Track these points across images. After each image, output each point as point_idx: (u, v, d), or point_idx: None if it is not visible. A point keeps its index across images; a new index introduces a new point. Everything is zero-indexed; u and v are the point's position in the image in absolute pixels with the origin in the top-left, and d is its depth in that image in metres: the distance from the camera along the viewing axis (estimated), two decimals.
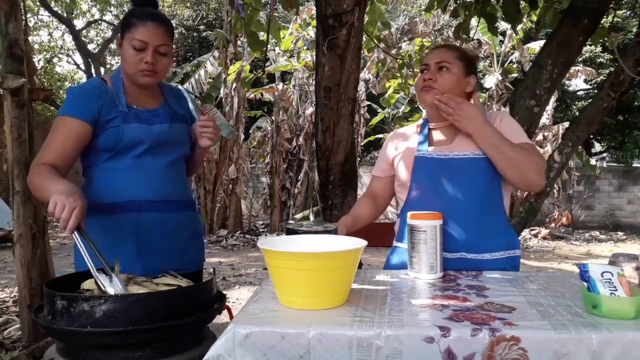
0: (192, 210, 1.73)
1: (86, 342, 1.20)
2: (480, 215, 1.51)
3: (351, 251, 1.10)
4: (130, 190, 1.54)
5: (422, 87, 1.59)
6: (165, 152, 1.60)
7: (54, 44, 17.03)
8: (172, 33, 1.61)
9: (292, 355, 0.93)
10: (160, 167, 1.59)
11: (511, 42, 9.89)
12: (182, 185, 1.67)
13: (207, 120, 1.60)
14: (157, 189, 1.57)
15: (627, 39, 9.63)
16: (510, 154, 1.46)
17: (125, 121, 1.53)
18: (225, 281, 5.56)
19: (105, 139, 1.53)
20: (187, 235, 1.67)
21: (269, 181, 10.83)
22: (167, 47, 1.56)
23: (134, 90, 1.61)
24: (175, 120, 1.65)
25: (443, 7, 3.49)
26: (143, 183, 1.56)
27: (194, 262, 1.69)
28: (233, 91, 9.20)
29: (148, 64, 1.52)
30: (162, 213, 1.58)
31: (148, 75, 1.55)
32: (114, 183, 1.55)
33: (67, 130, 1.50)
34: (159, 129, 1.58)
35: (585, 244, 9.69)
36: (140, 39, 1.51)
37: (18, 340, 2.98)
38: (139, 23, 1.52)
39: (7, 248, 7.08)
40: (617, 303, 0.99)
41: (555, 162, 3.14)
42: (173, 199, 1.62)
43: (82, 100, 1.53)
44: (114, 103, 1.55)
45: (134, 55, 1.52)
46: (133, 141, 1.54)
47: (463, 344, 0.91)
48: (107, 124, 1.53)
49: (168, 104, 1.68)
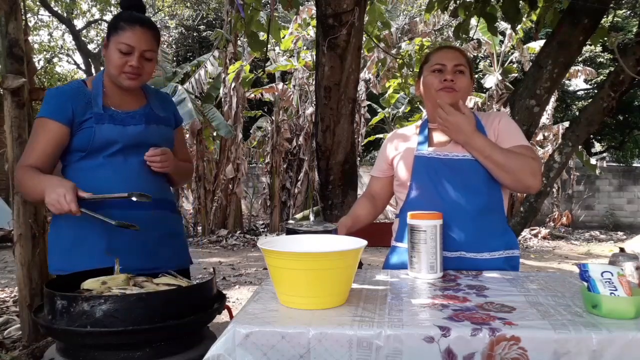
0: (167, 210, 1.71)
1: (86, 342, 1.20)
2: (480, 214, 1.51)
3: (351, 251, 1.10)
4: (99, 187, 1.55)
5: (443, 87, 1.57)
6: (138, 152, 1.61)
7: (54, 44, 17.04)
8: (159, 39, 1.64)
9: (292, 355, 0.93)
10: (133, 167, 1.60)
11: (511, 42, 9.90)
12: (155, 185, 1.65)
13: (152, 156, 1.61)
14: (127, 187, 1.57)
15: (627, 39, 9.63)
16: (502, 160, 1.47)
17: (99, 122, 1.56)
18: (225, 281, 5.56)
19: (79, 140, 1.57)
20: (159, 234, 1.65)
21: (269, 181, 10.84)
22: (152, 53, 1.60)
23: (115, 92, 1.63)
24: (152, 122, 1.65)
25: (443, 7, 3.49)
26: (113, 181, 1.57)
27: (166, 262, 1.61)
28: (232, 91, 9.20)
29: (133, 67, 1.55)
30: (131, 211, 1.57)
31: (132, 78, 1.58)
32: (85, 181, 1.56)
33: (45, 133, 1.56)
34: (133, 130, 1.60)
35: (585, 243, 9.70)
36: (127, 43, 1.54)
37: (18, 340, 2.98)
38: (127, 27, 1.54)
39: (7, 248, 7.09)
40: (617, 303, 0.99)
41: (555, 162, 3.14)
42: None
43: (57, 102, 1.57)
44: (90, 105, 1.58)
45: (119, 58, 1.55)
46: (105, 142, 1.57)
47: (463, 344, 0.91)
48: (81, 125, 1.56)
49: (150, 106, 1.69)
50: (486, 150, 1.49)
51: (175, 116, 1.80)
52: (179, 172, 1.78)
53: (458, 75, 1.58)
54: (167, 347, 1.22)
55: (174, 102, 1.85)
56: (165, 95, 1.83)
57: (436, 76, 1.59)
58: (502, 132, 1.57)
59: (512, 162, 1.47)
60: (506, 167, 1.48)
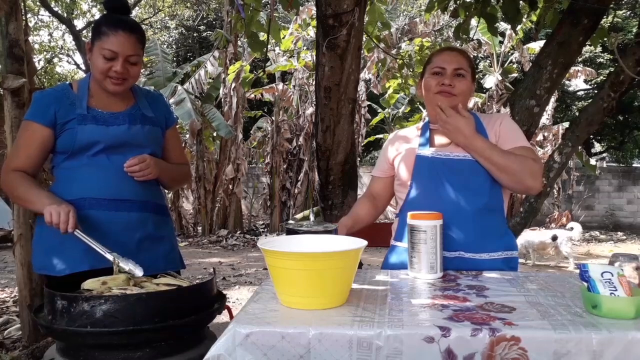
0: (152, 212, 1.67)
1: (86, 342, 1.20)
2: (480, 215, 1.51)
3: (351, 251, 1.10)
4: (81, 188, 1.55)
5: (440, 91, 1.57)
6: (122, 152, 1.60)
7: (54, 44, 17.04)
8: (144, 41, 1.63)
9: (292, 355, 0.93)
10: (116, 167, 1.59)
11: (511, 42, 9.90)
12: (139, 186, 1.62)
13: (130, 166, 1.59)
14: (108, 187, 1.57)
15: (627, 39, 9.64)
16: (502, 161, 1.48)
17: (81, 123, 1.56)
18: (225, 281, 5.56)
19: (62, 141, 1.58)
20: (139, 236, 1.61)
21: (269, 181, 10.84)
22: (137, 57, 1.58)
23: (101, 94, 1.62)
24: (137, 122, 1.64)
25: (443, 7, 3.49)
26: (93, 181, 1.57)
27: (149, 264, 1.47)
28: (232, 91, 9.20)
29: (117, 72, 1.54)
30: (111, 211, 1.57)
31: (116, 83, 1.57)
32: (68, 182, 1.58)
33: (29, 135, 1.58)
34: (115, 130, 1.59)
35: (585, 244, 9.69)
36: (110, 49, 1.52)
37: (18, 340, 2.98)
38: (109, 32, 1.52)
39: (7, 248, 7.09)
40: (617, 303, 0.99)
41: (555, 162, 3.14)
42: (125, 199, 1.60)
43: (40, 105, 1.59)
44: (74, 106, 1.58)
45: (103, 63, 1.54)
46: (88, 142, 1.57)
47: (463, 344, 0.91)
48: (64, 126, 1.57)
49: (137, 106, 1.68)
50: (486, 151, 1.49)
51: (167, 117, 1.77)
52: (170, 175, 1.75)
53: (457, 79, 1.57)
54: (167, 347, 1.23)
55: (167, 103, 1.82)
56: (157, 96, 1.80)
57: (435, 79, 1.59)
58: (503, 134, 1.57)
59: (512, 164, 1.48)
60: (506, 168, 1.48)
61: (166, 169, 1.71)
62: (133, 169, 1.59)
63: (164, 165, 1.70)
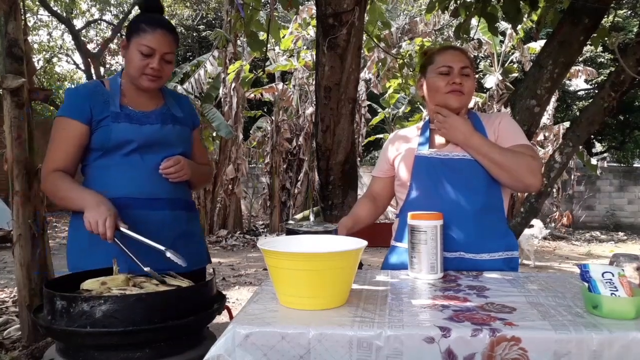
0: (184, 209, 1.71)
1: (86, 342, 1.20)
2: (480, 215, 1.51)
3: (351, 251, 1.09)
4: (115, 187, 1.55)
5: (451, 90, 1.56)
6: (155, 151, 1.62)
7: (53, 43, 17.03)
8: (177, 41, 1.66)
9: (292, 355, 0.93)
10: (149, 166, 1.60)
11: (511, 42, 9.89)
12: (172, 185, 1.65)
13: (165, 168, 1.61)
14: (142, 187, 1.58)
15: (628, 39, 9.64)
16: (500, 159, 1.47)
17: (115, 121, 1.57)
18: (225, 281, 5.56)
19: (97, 138, 1.58)
20: (174, 234, 1.64)
21: (269, 181, 10.83)
22: (172, 55, 1.61)
23: (132, 92, 1.64)
24: (168, 122, 1.66)
25: (443, 7, 3.49)
26: (129, 180, 1.58)
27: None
28: (232, 91, 9.19)
29: (154, 69, 1.57)
30: (146, 210, 1.57)
31: (152, 80, 1.59)
32: (102, 180, 1.58)
33: (66, 133, 1.57)
34: (149, 129, 1.61)
35: (586, 244, 9.70)
36: (148, 45, 1.55)
37: (18, 340, 2.98)
38: (148, 30, 1.56)
39: (7, 248, 7.09)
40: (618, 303, 0.99)
41: (556, 162, 3.14)
42: (160, 197, 1.62)
43: (75, 101, 1.59)
44: (107, 104, 1.59)
45: (140, 59, 1.56)
46: (122, 140, 1.57)
47: (463, 344, 0.91)
48: (99, 123, 1.57)
49: (167, 106, 1.70)
50: (483, 148, 1.49)
51: (193, 118, 1.80)
52: (198, 176, 1.77)
53: (465, 78, 1.57)
54: (167, 347, 1.22)
55: (192, 104, 1.85)
56: (183, 97, 1.84)
57: (443, 78, 1.57)
58: (502, 132, 1.57)
59: (510, 161, 1.47)
60: (504, 165, 1.47)
61: (196, 170, 1.73)
62: (169, 170, 1.61)
63: (195, 167, 1.73)
